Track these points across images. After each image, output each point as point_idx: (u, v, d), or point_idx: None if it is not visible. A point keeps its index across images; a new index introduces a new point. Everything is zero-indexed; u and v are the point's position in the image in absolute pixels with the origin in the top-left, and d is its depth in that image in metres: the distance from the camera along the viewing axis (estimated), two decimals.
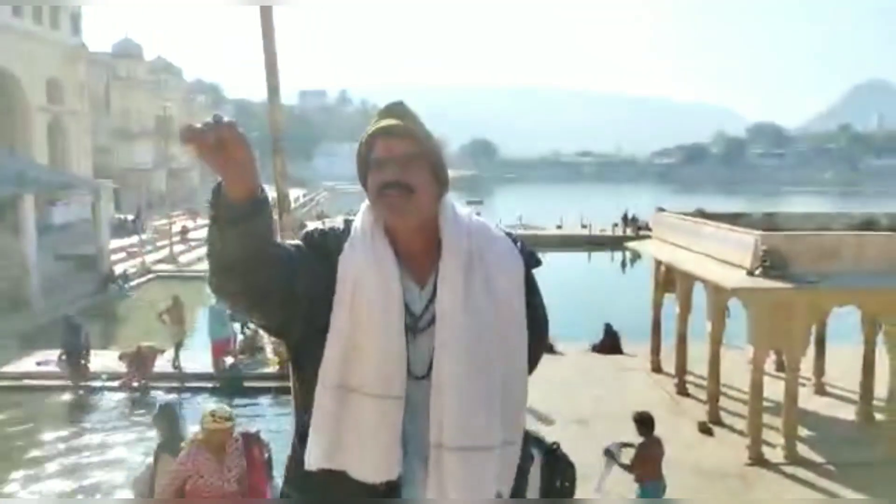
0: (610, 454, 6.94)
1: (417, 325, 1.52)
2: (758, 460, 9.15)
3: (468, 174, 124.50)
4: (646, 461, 7.01)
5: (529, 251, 1.67)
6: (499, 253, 1.59)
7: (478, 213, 1.79)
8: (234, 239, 1.36)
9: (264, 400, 12.61)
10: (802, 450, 9.37)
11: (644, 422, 7.09)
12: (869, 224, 11.99)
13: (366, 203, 1.63)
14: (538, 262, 1.68)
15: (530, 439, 1.74)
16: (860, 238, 9.26)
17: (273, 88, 3.85)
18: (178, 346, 13.95)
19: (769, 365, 11.05)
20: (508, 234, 1.65)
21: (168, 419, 5.93)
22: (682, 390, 11.90)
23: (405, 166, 1.54)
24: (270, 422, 10.76)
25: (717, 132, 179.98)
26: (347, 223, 1.63)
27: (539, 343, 1.68)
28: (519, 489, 1.61)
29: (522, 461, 1.62)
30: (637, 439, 7.14)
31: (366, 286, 1.48)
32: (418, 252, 1.56)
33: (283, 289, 1.45)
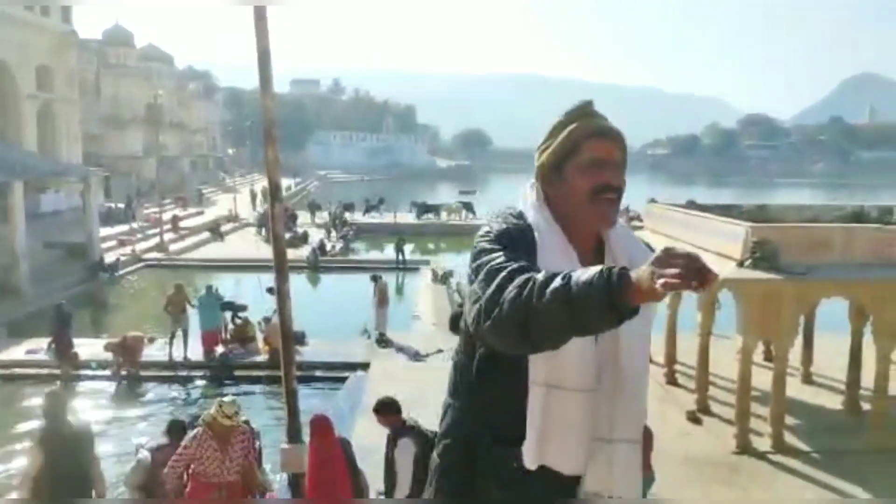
0: None
1: None
2: (745, 449, 9.23)
3: (462, 164, 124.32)
4: None
5: None
6: (646, 256, 1.68)
7: (469, 204, 1.87)
8: (585, 323, 1.30)
9: (254, 388, 12.62)
10: (790, 438, 9.46)
11: None
12: (859, 216, 12.06)
13: (534, 200, 1.68)
14: None
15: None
16: (849, 230, 9.32)
17: (265, 78, 3.83)
18: (185, 334, 13.78)
19: (757, 355, 11.14)
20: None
21: (53, 408, 5.26)
22: (672, 380, 11.98)
23: (615, 170, 1.61)
24: (261, 411, 10.78)
25: (709, 124, 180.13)
26: (519, 215, 1.67)
27: None
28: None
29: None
30: None
31: None
32: (587, 250, 1.65)
33: None
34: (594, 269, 1.28)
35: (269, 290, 13.10)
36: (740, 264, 9.04)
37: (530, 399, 1.57)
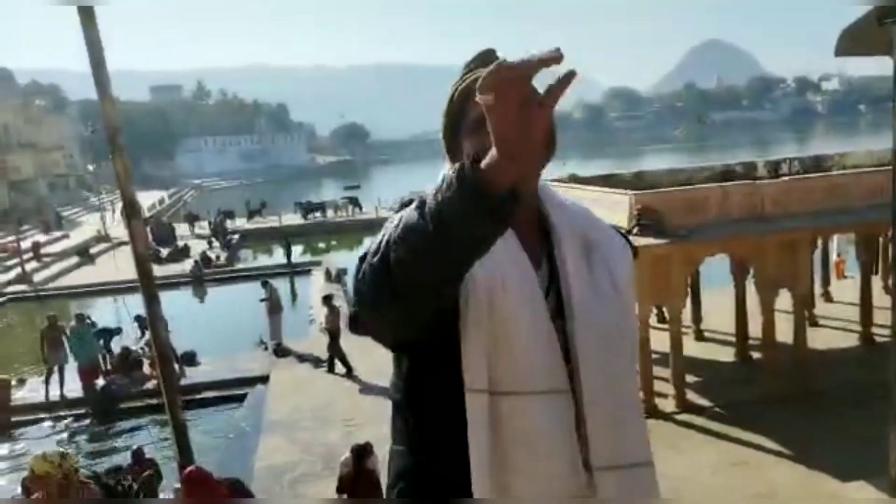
0: None
1: None
2: (652, 412, 9.44)
3: (342, 159, 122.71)
4: None
5: (629, 241, 1.48)
6: (611, 238, 1.40)
7: (355, 199, 1.50)
8: (478, 242, 0.99)
9: (144, 419, 11.73)
10: (691, 396, 9.78)
11: None
12: (728, 174, 12.65)
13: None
14: (637, 253, 1.49)
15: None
16: (724, 189, 9.69)
17: (101, 80, 3.36)
18: (60, 371, 12.54)
19: (651, 318, 11.47)
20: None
21: None
22: None
23: None
24: (160, 445, 9.99)
25: (576, 99, 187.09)
26: None
27: None
28: None
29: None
30: None
31: (498, 265, 1.23)
32: (523, 229, 1.30)
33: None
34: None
35: (137, 318, 12.13)
36: (628, 232, 9.21)
37: (469, 414, 1.21)
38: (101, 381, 12.76)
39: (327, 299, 13.17)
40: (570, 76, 0.94)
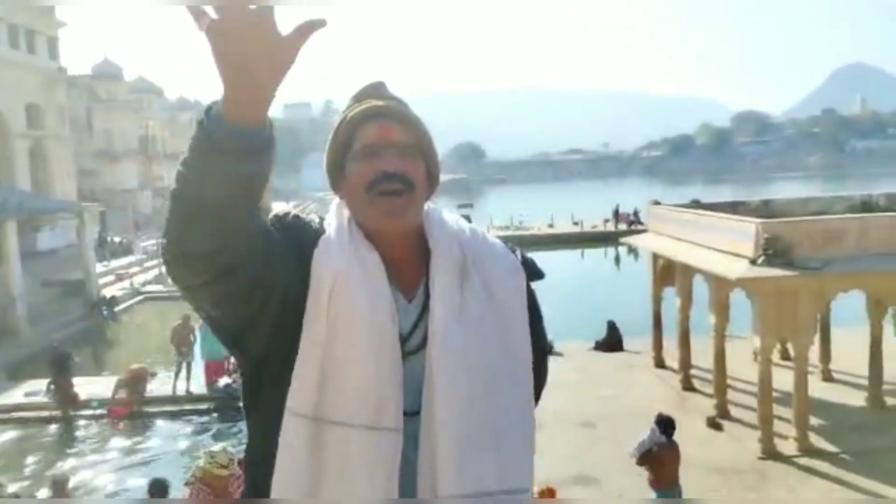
0: (653, 431, 6.73)
1: (405, 346, 1.22)
2: (771, 454, 8.91)
3: (457, 177, 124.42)
4: (656, 465, 6.76)
5: (530, 261, 1.38)
6: (496, 260, 1.32)
7: (468, 217, 1.50)
8: (223, 176, 1.01)
9: None
10: (815, 440, 9.14)
11: (662, 423, 6.83)
12: (868, 206, 11.83)
13: (337, 202, 1.34)
14: (541, 275, 1.38)
15: None
16: (863, 220, 9.07)
17: None
18: (188, 368, 13.41)
19: (773, 354, 10.84)
20: (504, 243, 1.37)
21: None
22: (688, 385, 11.66)
23: (405, 157, 1.26)
24: None
25: (701, 123, 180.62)
26: (320, 220, 1.33)
27: (541, 377, 1.39)
28: None
29: None
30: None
31: (349, 291, 1.19)
32: (403, 259, 1.28)
33: (256, 269, 1.13)
34: None
35: None
36: (753, 262, 8.77)
37: (283, 436, 1.16)
38: (225, 380, 13.49)
39: None
40: (318, 23, 0.97)
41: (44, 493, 9.17)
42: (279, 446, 1.17)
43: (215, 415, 12.66)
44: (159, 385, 13.64)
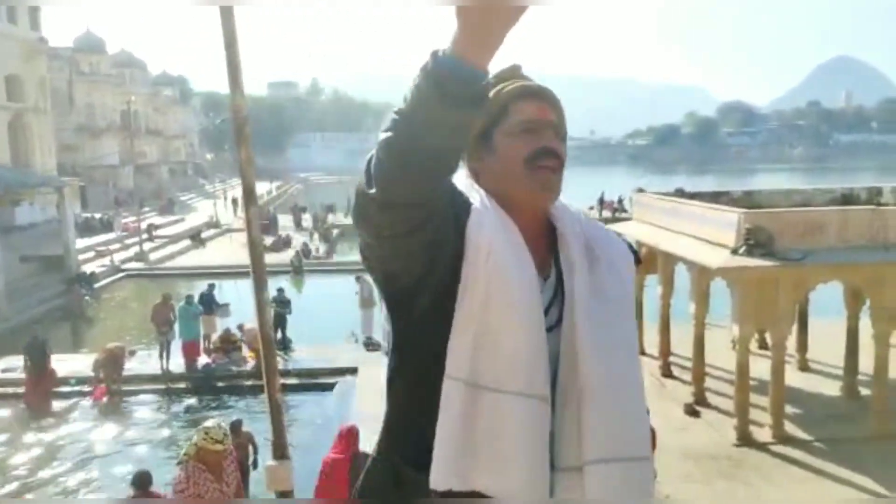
0: None
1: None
2: (746, 440, 9.03)
3: None
4: None
5: (632, 247, 1.48)
6: (612, 243, 1.42)
7: None
8: (447, 122, 1.03)
9: (239, 399, 12.26)
10: (790, 428, 9.27)
11: None
12: (849, 199, 11.94)
13: (465, 175, 1.37)
14: (639, 259, 1.50)
15: None
16: (844, 213, 9.15)
17: (234, 75, 3.53)
18: (167, 346, 13.29)
19: (751, 343, 10.95)
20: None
21: None
22: (667, 372, 11.76)
23: (558, 137, 1.34)
24: (247, 421, 10.41)
25: (688, 113, 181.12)
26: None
27: None
28: None
29: None
30: None
31: (503, 262, 1.24)
32: (535, 238, 1.33)
33: (439, 225, 1.17)
34: None
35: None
36: (734, 252, 8.83)
37: (443, 399, 1.20)
38: (203, 359, 13.43)
39: None
40: None
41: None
42: (441, 408, 1.21)
43: (187, 396, 12.62)
44: (139, 364, 13.56)
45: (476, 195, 1.31)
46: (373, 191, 1.08)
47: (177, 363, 13.29)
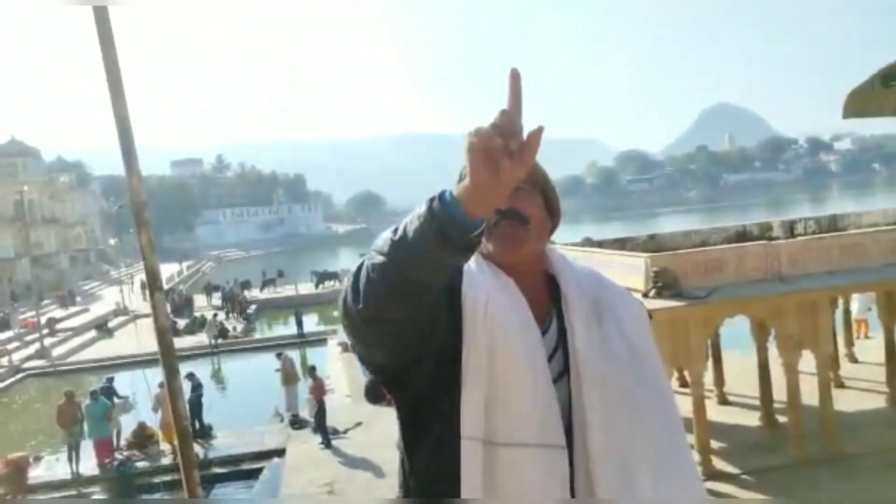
0: None
1: None
2: None
3: (358, 227, 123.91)
4: None
5: (642, 303, 1.53)
6: (625, 304, 1.46)
7: None
8: (441, 263, 1.11)
9: (161, 494, 11.56)
10: (717, 463, 9.50)
11: None
12: (742, 235, 12.63)
13: None
14: (651, 317, 1.55)
15: None
16: (740, 249, 9.65)
17: (128, 154, 3.46)
18: (76, 448, 12.45)
19: (672, 382, 11.27)
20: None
21: None
22: None
23: (517, 195, 1.37)
24: None
25: (589, 163, 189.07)
26: None
27: None
28: None
29: None
30: None
31: (501, 320, 1.30)
32: (532, 290, 1.38)
33: (433, 317, 1.26)
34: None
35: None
36: (645, 295, 9.13)
37: (463, 461, 1.24)
38: (118, 457, 12.64)
39: (312, 370, 13.90)
40: (536, 134, 1.07)
41: None
42: (462, 470, 1.24)
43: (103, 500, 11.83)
44: (45, 471, 12.62)
45: (474, 260, 1.37)
46: (360, 306, 1.14)
47: (89, 465, 12.44)
